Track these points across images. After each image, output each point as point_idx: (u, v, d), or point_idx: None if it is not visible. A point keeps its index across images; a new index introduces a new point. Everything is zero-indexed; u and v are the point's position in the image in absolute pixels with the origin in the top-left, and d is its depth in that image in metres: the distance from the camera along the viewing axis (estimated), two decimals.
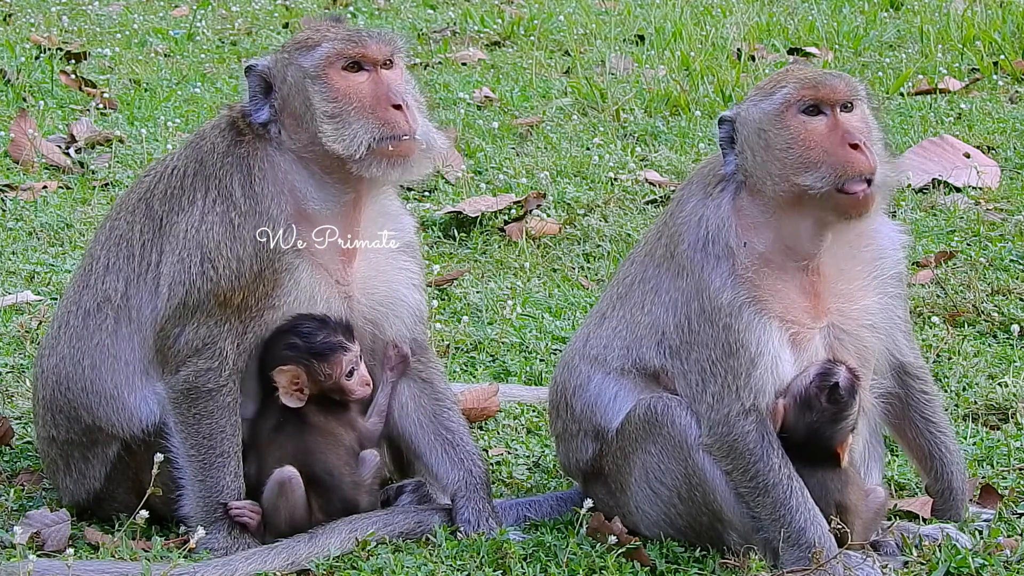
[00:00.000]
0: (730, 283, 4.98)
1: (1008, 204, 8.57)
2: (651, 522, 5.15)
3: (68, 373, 5.32)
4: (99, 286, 5.31)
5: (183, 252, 5.17)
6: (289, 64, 5.24)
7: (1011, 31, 11.87)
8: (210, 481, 5.19)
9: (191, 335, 5.15)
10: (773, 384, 4.97)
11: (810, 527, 4.93)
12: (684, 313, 5.05)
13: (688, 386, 5.04)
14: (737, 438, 4.95)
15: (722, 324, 4.96)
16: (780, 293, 4.99)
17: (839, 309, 5.08)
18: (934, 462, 5.35)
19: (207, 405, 5.16)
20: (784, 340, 4.98)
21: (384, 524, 5.24)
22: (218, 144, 5.26)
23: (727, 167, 5.08)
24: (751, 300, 4.96)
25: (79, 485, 5.39)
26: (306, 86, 5.20)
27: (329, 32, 5.28)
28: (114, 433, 5.28)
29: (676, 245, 5.10)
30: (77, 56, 12.06)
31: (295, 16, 14.17)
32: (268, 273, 5.15)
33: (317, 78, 5.21)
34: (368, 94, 5.21)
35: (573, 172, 9.23)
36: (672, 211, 5.20)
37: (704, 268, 5.02)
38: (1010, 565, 5.03)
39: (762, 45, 12.27)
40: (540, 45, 12.84)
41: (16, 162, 9.37)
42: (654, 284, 5.14)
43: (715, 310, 4.98)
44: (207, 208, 5.18)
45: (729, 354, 4.96)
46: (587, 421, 5.23)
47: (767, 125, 4.99)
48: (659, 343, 5.11)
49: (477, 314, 7.33)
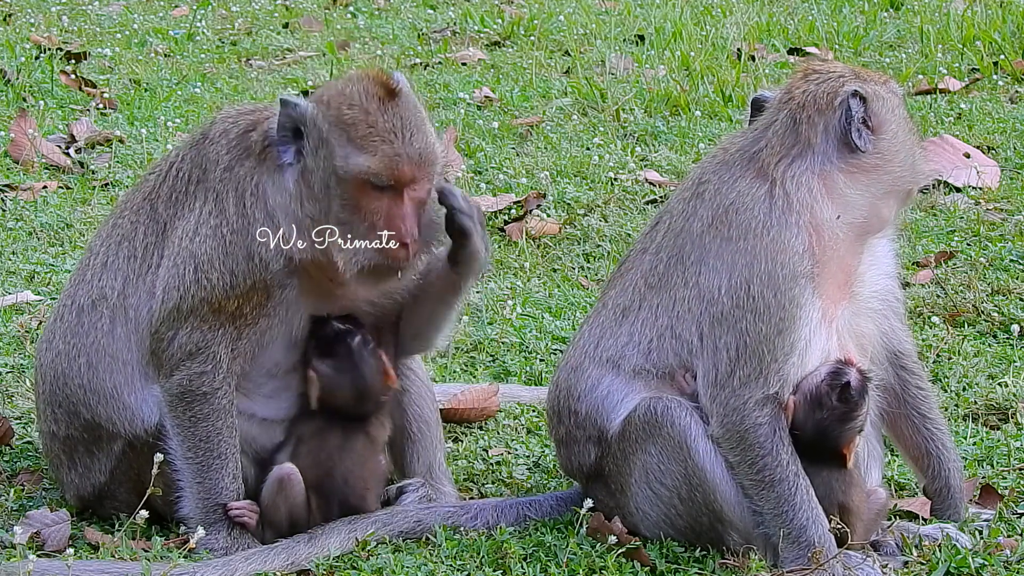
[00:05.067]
0: (809, 252, 4.99)
1: (1008, 204, 8.57)
2: (651, 522, 5.15)
3: (64, 369, 5.33)
4: (95, 282, 5.31)
5: (177, 258, 5.17)
6: (325, 140, 5.07)
7: (1011, 31, 11.87)
8: (208, 483, 5.19)
9: (184, 339, 5.15)
10: (796, 374, 4.99)
11: (811, 526, 4.93)
12: (745, 276, 5.00)
13: (716, 366, 5.01)
14: (749, 429, 4.95)
15: (788, 294, 4.95)
16: (834, 271, 5.04)
17: (856, 292, 5.14)
18: (931, 459, 5.36)
19: (202, 408, 5.16)
20: (821, 323, 5.02)
21: (384, 524, 5.25)
22: (223, 157, 5.21)
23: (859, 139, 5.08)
24: (817, 275, 4.99)
25: (84, 479, 5.39)
26: (331, 179, 5.07)
27: (377, 133, 5.05)
28: (116, 432, 5.28)
29: (735, 214, 5.04)
30: (77, 56, 12.06)
31: (295, 16, 14.17)
32: (260, 287, 5.14)
33: (346, 183, 5.06)
34: (384, 216, 5.08)
35: (573, 172, 9.23)
36: (712, 191, 5.12)
37: (783, 234, 4.99)
38: (1010, 565, 5.03)
39: (762, 45, 12.27)
40: (540, 45, 12.84)
41: (16, 162, 9.37)
42: (699, 255, 5.08)
43: (787, 277, 4.96)
44: (202, 218, 5.17)
45: (779, 331, 4.94)
46: (592, 425, 5.20)
47: (902, 110, 5.18)
48: (703, 312, 5.04)
49: (477, 314, 7.33)
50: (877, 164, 5.09)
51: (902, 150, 5.14)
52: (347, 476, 5.26)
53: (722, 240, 5.05)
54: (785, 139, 5.10)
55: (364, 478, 5.29)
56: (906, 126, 5.18)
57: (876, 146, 5.10)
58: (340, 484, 5.25)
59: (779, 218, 5.01)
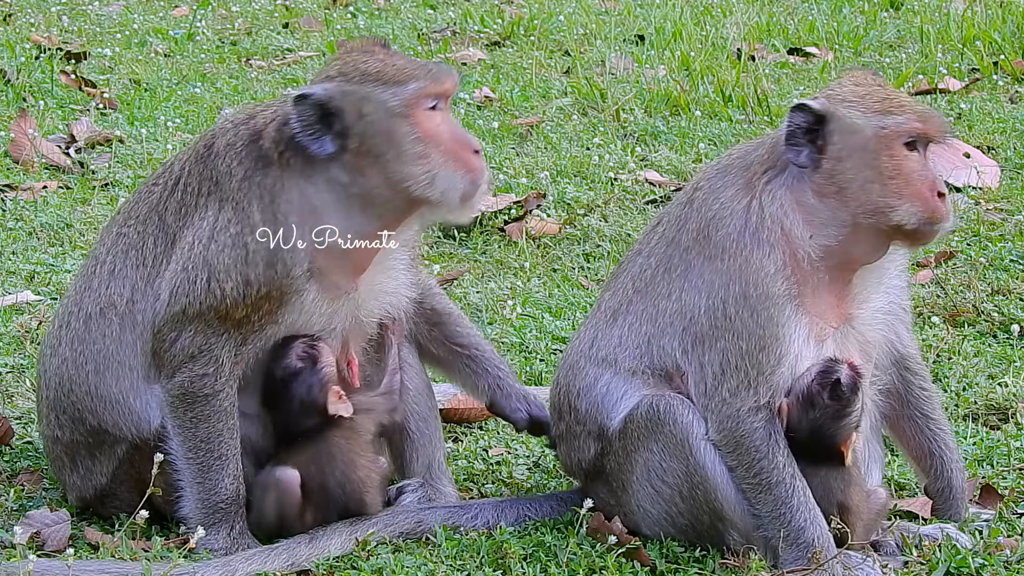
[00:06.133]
0: (783, 273, 4.95)
1: (1008, 204, 8.58)
2: (652, 521, 5.15)
3: (71, 376, 5.31)
4: (102, 290, 5.28)
5: (188, 264, 5.12)
6: (365, 98, 5.07)
7: (1011, 31, 11.87)
8: (208, 483, 5.18)
9: (187, 342, 5.13)
10: (787, 383, 4.98)
11: (810, 527, 4.93)
12: (721, 297, 4.99)
13: (704, 379, 5.02)
14: (745, 434, 4.95)
15: (765, 314, 4.93)
16: (821, 292, 4.99)
17: (854, 314, 5.09)
18: (933, 460, 5.35)
19: (203, 409, 5.15)
20: (810, 339, 4.98)
21: (384, 524, 5.25)
22: (235, 168, 5.14)
23: (798, 157, 5.00)
24: (796, 294, 4.95)
25: (86, 481, 5.38)
26: (391, 124, 5.07)
27: (403, 65, 5.10)
28: (122, 436, 5.27)
29: (714, 230, 5.02)
30: (77, 56, 12.06)
31: (295, 16, 14.17)
32: (275, 294, 5.11)
33: (404, 117, 5.07)
34: (449, 137, 5.10)
35: (573, 172, 9.23)
36: (700, 200, 5.10)
37: (755, 253, 4.96)
38: (1010, 565, 5.03)
39: (762, 45, 12.27)
40: (540, 45, 12.84)
41: (16, 162, 9.36)
42: (683, 269, 5.08)
43: (761, 297, 4.93)
44: (220, 227, 5.10)
45: (761, 348, 4.93)
46: (592, 421, 5.21)
47: (875, 146, 4.95)
48: (684, 330, 5.05)
49: (477, 314, 7.33)
50: (835, 189, 4.98)
51: (856, 181, 4.95)
52: (343, 483, 5.24)
53: (704, 259, 5.04)
54: (775, 150, 5.08)
55: (361, 480, 5.27)
56: (869, 160, 4.95)
57: (828, 169, 4.98)
58: (338, 492, 5.24)
59: (752, 235, 4.99)
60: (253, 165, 5.13)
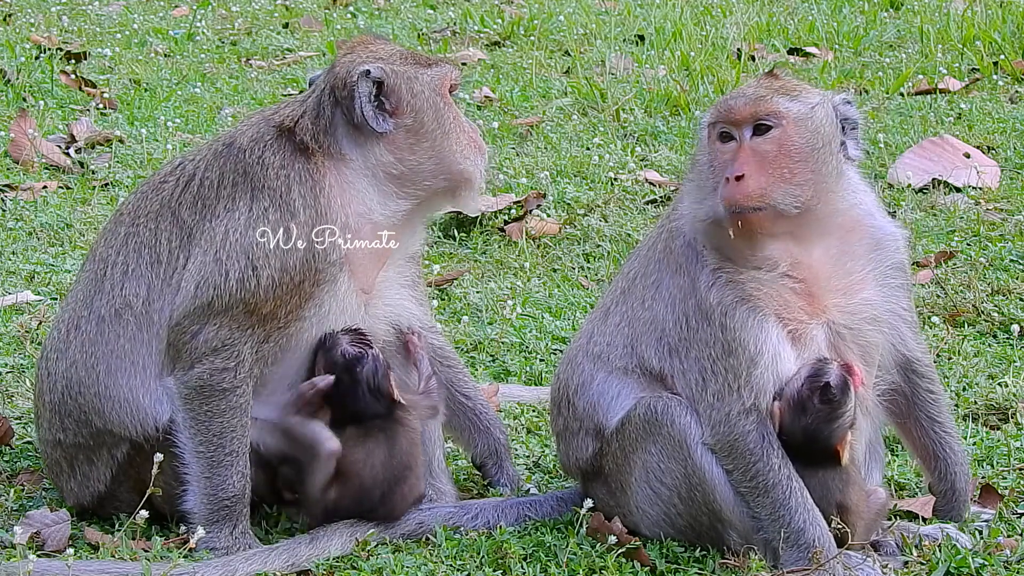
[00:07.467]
0: (715, 282, 4.99)
1: (1008, 204, 8.57)
2: (651, 522, 5.15)
3: (80, 378, 5.29)
4: (116, 292, 5.26)
5: (221, 254, 5.13)
6: (414, 78, 5.32)
7: (1011, 31, 11.88)
8: (217, 479, 5.18)
9: (211, 334, 5.14)
10: (774, 383, 4.97)
11: (809, 527, 4.93)
12: (682, 310, 5.06)
13: (688, 385, 5.04)
14: (738, 438, 4.95)
15: (718, 323, 4.97)
16: (769, 293, 4.99)
17: (837, 304, 5.06)
18: (938, 462, 5.35)
19: (219, 404, 5.15)
20: (783, 337, 4.97)
21: (385, 525, 5.24)
22: (270, 159, 5.20)
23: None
24: (742, 299, 4.96)
25: (83, 488, 5.38)
26: (437, 102, 5.35)
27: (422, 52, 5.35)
28: (125, 435, 5.26)
29: (673, 240, 5.11)
30: (77, 56, 12.07)
31: (295, 16, 14.18)
32: (308, 285, 5.15)
33: (442, 96, 5.36)
34: (463, 120, 5.42)
35: (573, 172, 9.24)
36: (672, 207, 5.21)
37: (695, 265, 5.04)
38: (1010, 565, 5.03)
39: (762, 45, 12.28)
40: (540, 45, 12.84)
41: (16, 162, 9.37)
42: (655, 279, 5.15)
43: (709, 309, 4.99)
44: (257, 215, 5.14)
45: (728, 353, 4.96)
46: (589, 419, 5.23)
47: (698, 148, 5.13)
48: (659, 340, 5.11)
49: (477, 314, 7.33)
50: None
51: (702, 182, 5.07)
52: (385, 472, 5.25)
53: (671, 275, 5.11)
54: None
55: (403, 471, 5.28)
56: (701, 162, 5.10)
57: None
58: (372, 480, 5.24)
59: (690, 246, 5.05)
60: (290, 155, 5.22)
